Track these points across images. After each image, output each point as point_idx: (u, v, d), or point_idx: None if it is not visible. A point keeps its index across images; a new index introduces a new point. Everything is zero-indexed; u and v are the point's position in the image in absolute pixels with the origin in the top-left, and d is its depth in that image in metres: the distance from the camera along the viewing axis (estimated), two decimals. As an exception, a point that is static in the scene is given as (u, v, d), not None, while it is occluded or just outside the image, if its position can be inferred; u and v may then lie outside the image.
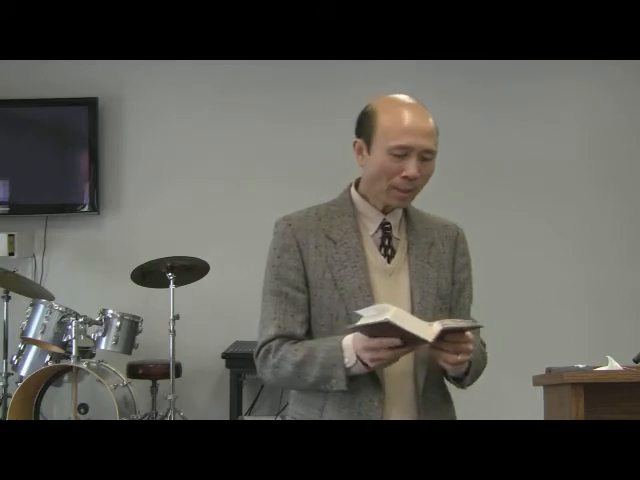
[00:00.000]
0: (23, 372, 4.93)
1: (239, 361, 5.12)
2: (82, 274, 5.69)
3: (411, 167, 2.06)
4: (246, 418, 5.31)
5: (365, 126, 2.14)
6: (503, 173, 5.61)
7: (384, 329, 1.90)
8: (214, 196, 5.68)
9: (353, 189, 2.25)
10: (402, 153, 2.06)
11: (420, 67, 5.28)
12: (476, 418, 2.30)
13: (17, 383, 4.83)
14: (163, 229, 5.65)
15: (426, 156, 2.09)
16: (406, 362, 2.06)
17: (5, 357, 5.13)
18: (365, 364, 1.99)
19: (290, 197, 5.68)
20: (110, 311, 4.99)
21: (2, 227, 5.59)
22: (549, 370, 3.25)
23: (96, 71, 5.58)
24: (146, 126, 5.75)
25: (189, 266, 5.02)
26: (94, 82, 5.68)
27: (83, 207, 5.66)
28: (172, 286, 4.91)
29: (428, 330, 1.94)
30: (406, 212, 2.23)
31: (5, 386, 5.03)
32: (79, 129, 5.64)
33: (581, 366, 3.18)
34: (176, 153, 5.72)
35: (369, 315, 1.93)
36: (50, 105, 5.63)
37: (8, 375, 5.07)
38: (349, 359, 2.01)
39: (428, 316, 2.10)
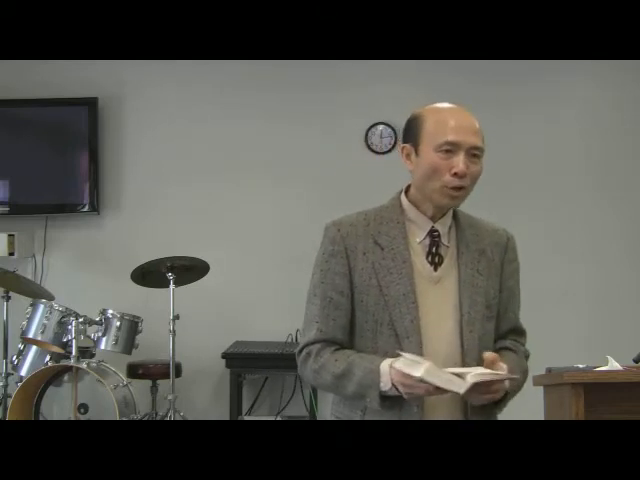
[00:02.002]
0: (23, 372, 4.92)
1: (239, 361, 5.12)
2: (82, 274, 5.69)
3: (460, 163, 2.09)
4: (246, 418, 5.31)
5: (412, 131, 2.17)
6: (502, 173, 5.59)
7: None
8: (214, 196, 5.68)
9: (403, 195, 2.24)
10: (450, 148, 2.09)
11: (420, 67, 5.28)
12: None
13: (17, 383, 4.83)
14: (163, 229, 5.65)
15: (474, 152, 2.11)
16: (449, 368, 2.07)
17: (5, 357, 5.13)
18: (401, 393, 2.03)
19: (290, 197, 5.72)
20: (110, 311, 4.99)
21: (2, 227, 5.58)
22: (549, 370, 3.25)
23: (96, 71, 5.57)
24: (146, 126, 5.75)
25: (189, 266, 5.01)
26: (94, 82, 5.68)
27: (83, 207, 5.66)
28: (172, 286, 4.91)
29: (458, 382, 1.97)
30: (456, 218, 2.24)
31: (5, 386, 5.03)
32: (79, 129, 5.64)
33: (581, 366, 3.17)
34: (176, 153, 5.72)
35: (408, 359, 2.00)
36: (50, 105, 5.63)
37: (8, 375, 5.07)
38: (385, 384, 2.05)
39: (476, 326, 2.13)
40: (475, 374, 1.98)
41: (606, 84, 5.64)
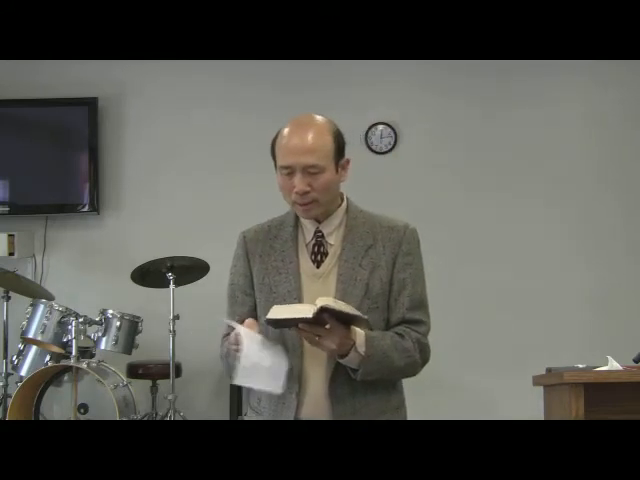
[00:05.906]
0: (23, 372, 4.92)
1: (239, 361, 5.12)
2: (82, 274, 5.69)
3: (297, 183, 2.25)
4: (246, 418, 5.31)
5: (271, 150, 2.39)
6: (504, 172, 5.60)
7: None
8: (214, 196, 5.68)
9: None
10: (288, 172, 2.27)
11: (420, 67, 5.28)
12: (476, 418, 2.30)
13: (17, 383, 4.83)
14: (163, 229, 5.65)
15: (312, 170, 2.25)
16: (319, 363, 2.25)
17: (5, 357, 5.14)
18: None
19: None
20: (110, 311, 4.99)
21: (2, 227, 5.58)
22: (549, 370, 3.26)
23: (96, 71, 5.57)
24: (146, 126, 5.75)
25: (189, 266, 5.01)
26: (94, 82, 5.68)
27: (83, 207, 5.66)
28: (172, 286, 4.91)
29: (307, 307, 2.11)
30: (348, 217, 2.36)
31: (5, 386, 5.03)
32: (79, 129, 5.64)
33: (581, 366, 3.18)
34: (176, 153, 5.72)
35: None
36: (50, 105, 5.63)
37: (8, 375, 5.07)
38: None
39: None
40: (324, 298, 2.12)
41: (607, 83, 5.63)
